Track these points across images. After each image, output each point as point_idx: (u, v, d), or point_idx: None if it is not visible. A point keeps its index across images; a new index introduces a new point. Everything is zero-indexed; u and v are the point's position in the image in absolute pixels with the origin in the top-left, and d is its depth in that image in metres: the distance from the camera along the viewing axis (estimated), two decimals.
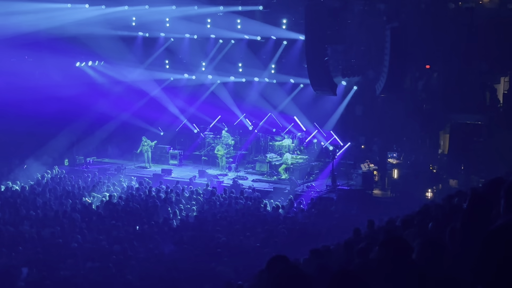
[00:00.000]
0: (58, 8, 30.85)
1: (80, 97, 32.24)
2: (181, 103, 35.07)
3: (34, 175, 28.67)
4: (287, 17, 30.37)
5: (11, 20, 29.36)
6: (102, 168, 32.22)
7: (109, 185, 27.31)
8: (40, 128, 30.61)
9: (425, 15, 27.68)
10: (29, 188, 25.64)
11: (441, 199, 12.49)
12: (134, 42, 34.12)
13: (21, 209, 21.93)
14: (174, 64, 35.40)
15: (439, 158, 29.73)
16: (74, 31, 31.16)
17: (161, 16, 32.01)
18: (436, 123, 29.84)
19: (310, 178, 29.94)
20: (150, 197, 24.19)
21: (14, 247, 17.39)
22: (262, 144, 33.01)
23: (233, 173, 31.10)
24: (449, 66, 28.66)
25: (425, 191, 26.92)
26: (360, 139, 31.26)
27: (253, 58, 33.22)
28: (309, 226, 20.88)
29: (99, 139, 34.24)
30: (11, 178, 28.14)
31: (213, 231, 19.35)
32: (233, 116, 33.96)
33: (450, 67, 28.61)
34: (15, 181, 27.56)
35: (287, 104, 32.95)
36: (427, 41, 27.54)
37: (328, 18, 26.08)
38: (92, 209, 22.49)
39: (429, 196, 26.42)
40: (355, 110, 31.61)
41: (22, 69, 32.50)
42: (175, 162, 33.45)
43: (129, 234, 19.25)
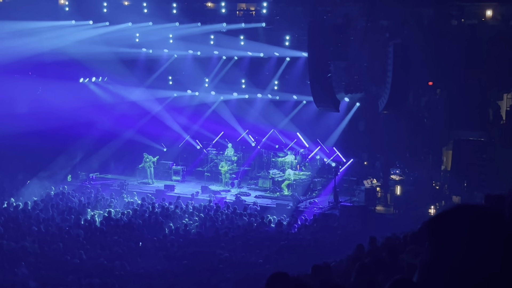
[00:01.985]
0: (62, 26, 31.02)
1: (84, 113, 32.33)
2: (184, 120, 35.12)
3: (37, 191, 28.69)
4: (290, 33, 30.45)
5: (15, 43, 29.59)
6: (105, 184, 32.21)
7: (112, 201, 27.31)
8: (43, 144, 30.62)
9: (427, 31, 27.73)
10: (32, 204, 25.64)
11: None
12: (138, 59, 34.18)
13: (24, 225, 21.93)
14: (177, 81, 35.48)
15: (442, 175, 29.70)
16: (78, 50, 31.25)
17: (165, 33, 32.09)
18: (439, 140, 29.83)
19: (312, 194, 29.92)
20: (153, 213, 24.18)
21: (16, 263, 17.35)
22: (265, 160, 33.00)
23: (236, 189, 31.07)
24: (452, 83, 28.68)
25: (428, 207, 26.86)
26: (363, 156, 31.24)
27: (256, 75, 33.31)
28: (312, 242, 20.82)
29: (102, 155, 34.30)
30: (14, 194, 28.15)
31: (216, 247, 19.31)
32: (236, 133, 33.98)
33: (453, 83, 28.63)
34: (18, 197, 27.57)
35: (290, 121, 32.99)
36: (430, 57, 27.55)
37: (331, 35, 26.16)
38: (95, 225, 22.47)
39: (432, 213, 26.36)
40: (358, 126, 31.63)
41: (25, 85, 32.67)
42: (178, 178, 33.44)
43: (131, 250, 19.23)
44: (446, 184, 29.08)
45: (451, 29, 28.11)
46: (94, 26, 31.47)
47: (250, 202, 28.02)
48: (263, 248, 19.44)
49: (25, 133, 30.32)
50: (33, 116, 30.98)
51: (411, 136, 29.40)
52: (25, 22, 29.98)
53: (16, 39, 29.81)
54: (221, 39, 32.13)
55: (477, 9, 28.66)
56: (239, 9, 31.40)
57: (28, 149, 30.62)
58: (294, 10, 30.19)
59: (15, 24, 29.83)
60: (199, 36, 31.92)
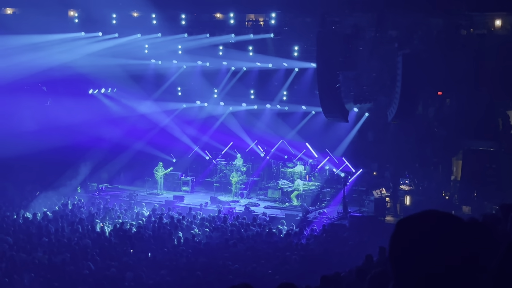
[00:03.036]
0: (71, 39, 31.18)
1: (93, 125, 32.47)
2: (193, 131, 35.18)
3: (47, 203, 28.76)
4: (299, 44, 30.49)
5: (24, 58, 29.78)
6: (114, 194, 32.26)
7: (121, 212, 27.34)
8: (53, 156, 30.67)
9: (436, 41, 27.70)
10: (42, 215, 25.69)
11: None
12: (147, 71, 34.26)
13: (34, 236, 21.97)
14: (186, 92, 35.57)
15: (452, 185, 29.63)
16: (87, 63, 31.38)
17: (174, 44, 32.17)
18: (448, 150, 29.77)
19: (322, 204, 29.88)
20: (162, 224, 24.17)
21: (26, 274, 17.39)
22: (274, 171, 33.01)
23: (245, 200, 31.07)
24: (461, 93, 28.66)
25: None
26: (372, 166, 31.19)
27: (264, 86, 33.37)
28: (321, 252, 20.78)
29: (112, 167, 34.38)
30: (24, 206, 28.21)
31: (225, 258, 19.28)
32: (245, 143, 34.01)
33: (462, 93, 28.60)
34: (28, 209, 27.63)
35: (299, 131, 33.01)
36: (439, 67, 27.52)
37: (339, 45, 26.20)
38: (104, 236, 22.48)
39: None
40: (367, 136, 31.61)
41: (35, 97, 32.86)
42: (187, 189, 33.45)
43: (141, 260, 19.23)
44: (456, 194, 29.01)
45: (460, 39, 28.05)
46: (103, 38, 31.57)
47: (259, 212, 28.00)
48: (272, 258, 19.40)
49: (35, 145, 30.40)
50: (43, 128, 31.11)
51: (421, 146, 29.36)
52: (35, 36, 30.15)
53: (26, 54, 30.00)
54: (230, 50, 32.21)
55: (486, 19, 28.63)
56: (247, 20, 31.48)
57: (38, 161, 30.67)
58: (302, 20, 30.25)
59: (24, 38, 30.01)
60: (208, 47, 32.00)
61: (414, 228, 2.76)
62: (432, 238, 2.68)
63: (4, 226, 23.68)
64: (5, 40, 29.80)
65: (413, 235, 2.73)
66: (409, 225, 2.80)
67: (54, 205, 28.60)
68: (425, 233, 2.71)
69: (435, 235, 2.69)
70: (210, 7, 31.18)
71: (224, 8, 30.79)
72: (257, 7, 30.65)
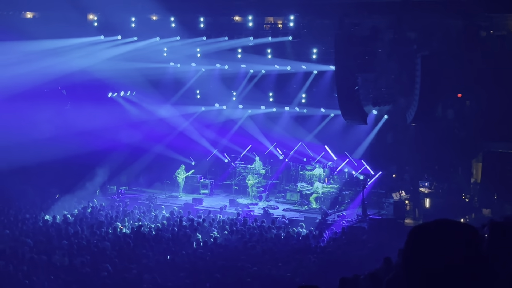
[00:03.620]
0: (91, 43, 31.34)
1: (113, 128, 32.62)
2: (212, 133, 35.26)
3: (67, 206, 28.93)
4: (317, 47, 30.44)
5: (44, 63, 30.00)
6: (134, 197, 32.38)
7: (140, 215, 27.43)
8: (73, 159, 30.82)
9: (456, 43, 27.55)
10: (62, 218, 25.84)
11: None
12: (166, 74, 34.34)
13: (54, 239, 22.10)
14: (205, 95, 35.67)
15: (472, 187, 29.46)
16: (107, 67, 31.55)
17: (192, 47, 32.23)
18: (468, 152, 29.62)
19: (341, 207, 29.81)
20: (181, 227, 24.23)
21: (46, 276, 17.48)
22: (293, 173, 32.99)
23: (264, 203, 31.05)
24: (481, 94, 28.45)
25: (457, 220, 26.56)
26: (391, 168, 31.08)
27: (283, 88, 33.38)
28: (340, 255, 20.72)
29: (131, 170, 34.55)
30: (44, 208, 28.38)
31: (244, 260, 19.28)
32: (264, 146, 34.02)
33: (482, 95, 28.40)
34: (48, 212, 27.79)
35: (318, 134, 32.98)
36: (458, 69, 27.35)
37: (358, 47, 26.13)
38: (123, 239, 22.54)
39: None
40: (386, 138, 31.52)
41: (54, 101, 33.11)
42: (206, 192, 33.49)
43: (159, 263, 19.28)
44: (476, 197, 28.85)
45: (480, 40, 27.90)
46: (122, 42, 31.67)
47: (278, 215, 27.98)
48: (291, 261, 19.38)
49: (54, 148, 30.60)
50: (62, 131, 31.31)
51: (440, 148, 29.20)
52: (54, 41, 30.34)
53: (46, 60, 30.21)
54: (248, 53, 32.23)
55: (506, 20, 28.46)
56: (266, 23, 31.46)
57: (58, 164, 30.83)
58: (321, 23, 30.19)
59: (44, 43, 30.21)
60: (226, 50, 32.03)
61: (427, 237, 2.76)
62: (445, 247, 2.69)
63: (24, 229, 23.85)
64: (25, 46, 30.02)
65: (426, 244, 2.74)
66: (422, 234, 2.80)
67: (73, 208, 28.77)
68: (438, 242, 2.71)
69: (448, 244, 2.70)
70: (229, 10, 31.21)
71: (242, 11, 30.81)
72: (276, 10, 30.64)
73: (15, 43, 29.79)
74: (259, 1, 30.56)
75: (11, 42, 29.71)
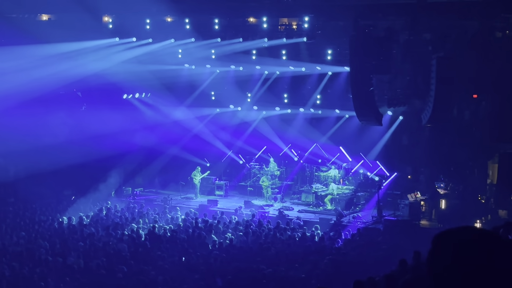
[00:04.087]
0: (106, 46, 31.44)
1: (128, 131, 32.78)
2: (227, 135, 35.31)
3: (82, 207, 29.07)
4: (332, 48, 30.38)
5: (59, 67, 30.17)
6: (149, 199, 32.49)
7: (155, 216, 27.49)
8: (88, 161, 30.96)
9: (471, 44, 27.41)
10: (77, 220, 25.95)
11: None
12: (181, 75, 34.39)
13: (69, 241, 22.20)
14: (219, 96, 35.73)
15: (488, 188, 29.31)
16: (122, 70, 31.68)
17: (207, 48, 32.25)
18: (484, 153, 29.48)
19: (356, 208, 29.76)
20: (196, 228, 24.27)
21: (62, 278, 17.56)
22: (308, 175, 32.99)
23: (279, 204, 31.06)
24: (497, 95, 28.31)
25: (473, 221, 26.49)
26: (406, 169, 31.00)
27: (298, 90, 33.37)
28: (355, 257, 20.67)
29: (147, 172, 34.70)
30: (59, 210, 28.51)
31: (259, 262, 19.28)
32: (278, 147, 34.02)
33: (498, 96, 28.26)
34: (64, 213, 27.92)
35: (333, 135, 32.95)
36: (473, 70, 27.23)
37: (373, 49, 26.05)
38: (138, 240, 22.62)
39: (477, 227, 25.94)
40: (401, 140, 31.45)
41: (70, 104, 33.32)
42: (221, 193, 33.53)
43: (175, 265, 19.32)
44: (492, 198, 28.69)
45: (496, 41, 27.76)
46: (138, 44, 31.74)
47: (293, 216, 27.97)
48: (306, 263, 19.35)
49: (70, 151, 30.78)
50: (78, 134, 31.52)
51: (456, 149, 29.09)
52: (70, 44, 30.48)
53: (62, 64, 30.37)
54: (263, 54, 32.23)
55: None
56: (280, 24, 31.42)
57: (74, 166, 30.98)
58: (336, 24, 30.15)
59: (60, 46, 30.36)
60: (241, 52, 32.04)
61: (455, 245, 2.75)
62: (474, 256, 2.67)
63: (40, 231, 23.97)
64: (40, 50, 30.17)
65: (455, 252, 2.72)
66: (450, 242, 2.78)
67: (89, 209, 28.89)
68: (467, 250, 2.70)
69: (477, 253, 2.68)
70: (243, 11, 31.21)
71: (257, 12, 30.80)
72: (290, 11, 30.62)
73: (31, 47, 29.95)
74: (273, 2, 30.52)
75: (27, 46, 29.88)
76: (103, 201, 30.28)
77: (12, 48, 29.54)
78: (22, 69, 29.79)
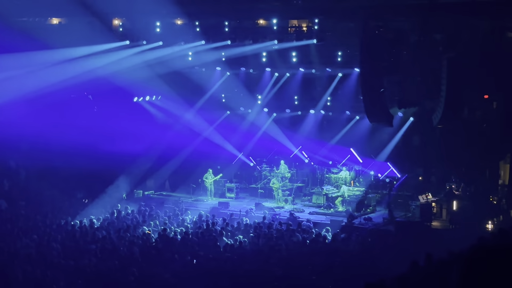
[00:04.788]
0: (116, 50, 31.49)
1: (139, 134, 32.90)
2: (237, 137, 35.33)
3: (94, 210, 29.12)
4: (342, 49, 30.34)
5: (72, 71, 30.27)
6: (160, 201, 32.53)
7: (167, 219, 27.51)
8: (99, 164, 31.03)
9: (482, 44, 27.32)
10: (89, 222, 26.01)
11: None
12: (191, 78, 34.40)
13: (81, 243, 22.24)
14: (230, 99, 35.77)
15: (500, 189, 29.21)
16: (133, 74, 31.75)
17: (217, 51, 32.24)
18: (496, 153, 29.37)
19: (367, 210, 29.71)
20: (207, 230, 24.28)
21: (73, 281, 17.59)
22: (319, 177, 32.95)
23: (290, 206, 31.05)
24: (508, 96, 28.22)
25: (485, 222, 26.39)
26: (417, 171, 30.94)
27: (308, 91, 33.37)
28: (367, 258, 20.63)
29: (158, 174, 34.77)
30: (71, 213, 28.58)
31: (270, 264, 19.27)
32: (289, 149, 34.02)
33: (509, 96, 28.16)
34: (75, 216, 27.98)
35: (343, 136, 32.93)
36: (484, 70, 27.13)
37: (383, 50, 26.05)
38: (150, 243, 22.65)
39: (489, 228, 25.91)
40: (412, 141, 31.40)
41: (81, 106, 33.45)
42: (232, 195, 33.57)
43: (186, 267, 19.32)
44: (503, 199, 28.57)
45: (506, 41, 27.67)
46: (148, 47, 31.77)
47: (304, 218, 27.94)
48: (317, 264, 19.33)
49: (82, 153, 30.89)
50: (90, 137, 31.61)
51: (467, 150, 29.01)
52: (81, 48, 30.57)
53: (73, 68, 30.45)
54: (273, 56, 32.22)
55: None
56: (290, 26, 31.42)
57: (85, 169, 31.06)
58: (346, 25, 30.10)
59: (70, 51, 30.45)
60: (251, 54, 32.04)
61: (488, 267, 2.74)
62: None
63: (52, 234, 24.01)
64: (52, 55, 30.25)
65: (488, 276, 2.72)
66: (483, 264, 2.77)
67: (100, 212, 28.92)
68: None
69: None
70: (253, 13, 31.23)
71: (267, 14, 30.82)
72: (300, 13, 30.62)
73: (41, 53, 30.02)
74: (283, 4, 30.52)
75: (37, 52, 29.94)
76: (114, 204, 30.33)
77: (24, 54, 29.61)
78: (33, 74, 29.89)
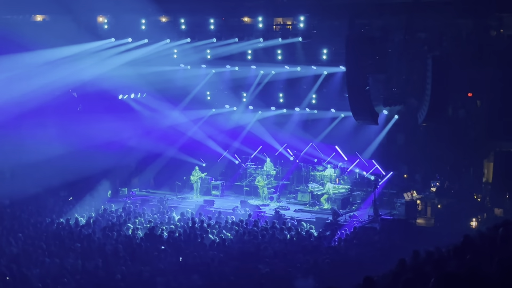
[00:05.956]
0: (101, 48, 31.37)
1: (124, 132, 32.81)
2: (222, 135, 35.31)
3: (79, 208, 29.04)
4: (328, 47, 30.36)
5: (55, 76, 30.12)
6: (145, 199, 32.49)
7: (152, 216, 27.47)
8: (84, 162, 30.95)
9: (466, 43, 27.49)
10: (74, 221, 25.91)
11: (486, 229, 12.36)
12: (176, 76, 34.31)
13: (66, 242, 22.16)
14: (215, 96, 35.71)
15: (484, 187, 29.38)
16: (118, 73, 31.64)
17: (202, 49, 32.18)
18: (479, 151, 29.55)
19: (352, 207, 29.81)
20: (193, 228, 24.26)
21: (59, 279, 17.51)
22: (304, 174, 33.02)
23: (275, 204, 31.10)
24: (492, 94, 28.40)
25: (469, 220, 26.55)
26: (402, 168, 31.06)
27: (293, 89, 33.36)
28: (352, 256, 20.71)
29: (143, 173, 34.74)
30: (56, 212, 28.47)
31: (256, 262, 19.28)
32: (274, 147, 34.04)
33: (493, 94, 28.34)
34: (61, 215, 27.88)
35: (328, 134, 32.97)
36: (469, 69, 27.30)
37: (368, 48, 26.09)
38: (135, 241, 22.59)
39: (473, 226, 26.07)
40: (397, 139, 31.51)
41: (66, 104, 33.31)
42: (217, 193, 33.58)
43: (172, 265, 19.29)
44: (487, 197, 28.76)
45: (490, 40, 27.83)
46: (134, 46, 31.64)
47: (289, 216, 27.97)
48: (303, 262, 19.37)
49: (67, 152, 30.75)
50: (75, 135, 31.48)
51: (451, 148, 29.18)
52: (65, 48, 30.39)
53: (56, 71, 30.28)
54: (258, 54, 32.19)
55: None
56: (276, 24, 31.42)
57: (70, 167, 30.93)
58: (331, 24, 30.11)
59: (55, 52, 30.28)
60: (237, 52, 31.99)
61: None
62: None
63: (37, 232, 23.93)
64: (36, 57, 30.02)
65: None
66: None
67: (86, 210, 28.83)
68: None
69: None
70: (239, 11, 31.19)
71: (252, 12, 30.78)
72: (285, 10, 30.60)
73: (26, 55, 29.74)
74: (268, 2, 30.51)
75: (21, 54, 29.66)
76: (99, 202, 30.25)
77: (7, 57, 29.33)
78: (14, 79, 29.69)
